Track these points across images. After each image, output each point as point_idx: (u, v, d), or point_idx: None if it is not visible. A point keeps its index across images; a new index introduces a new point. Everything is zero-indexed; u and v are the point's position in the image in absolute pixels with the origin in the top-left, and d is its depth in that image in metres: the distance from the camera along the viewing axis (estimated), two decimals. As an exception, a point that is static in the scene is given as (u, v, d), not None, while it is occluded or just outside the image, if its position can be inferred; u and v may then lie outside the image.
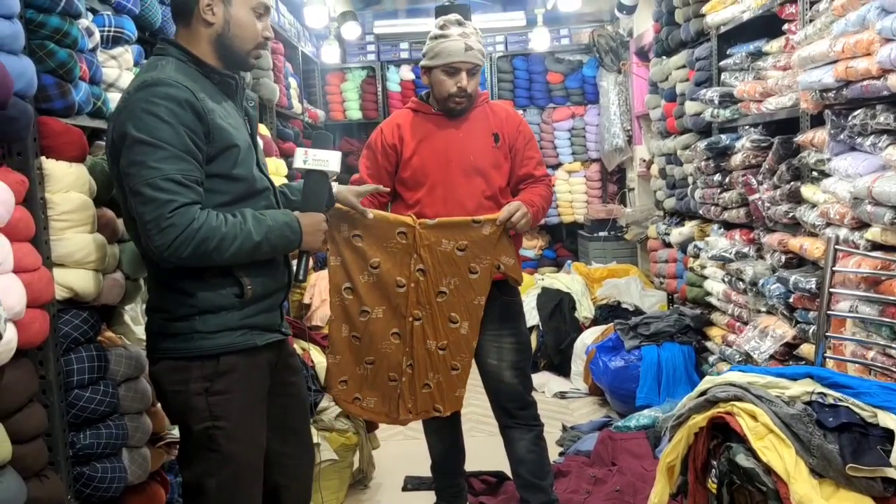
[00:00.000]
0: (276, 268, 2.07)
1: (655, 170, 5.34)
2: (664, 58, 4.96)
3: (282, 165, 4.09)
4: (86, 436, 2.14)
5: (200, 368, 1.93)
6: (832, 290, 2.55)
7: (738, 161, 3.58)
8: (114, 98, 2.49)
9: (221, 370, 1.94)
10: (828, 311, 2.55)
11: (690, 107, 4.34)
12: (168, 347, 1.96)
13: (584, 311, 5.49)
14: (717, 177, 3.92)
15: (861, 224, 2.55)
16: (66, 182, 2.07)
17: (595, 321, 5.39)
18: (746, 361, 3.38)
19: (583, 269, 6.20)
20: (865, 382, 2.01)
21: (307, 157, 2.10)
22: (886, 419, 1.81)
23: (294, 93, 5.73)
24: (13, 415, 1.84)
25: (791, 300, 3.05)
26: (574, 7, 6.10)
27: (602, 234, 6.88)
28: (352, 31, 6.70)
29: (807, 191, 2.97)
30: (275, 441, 2.14)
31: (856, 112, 2.54)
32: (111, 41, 2.49)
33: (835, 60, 2.62)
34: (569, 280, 5.81)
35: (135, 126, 1.80)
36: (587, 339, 4.93)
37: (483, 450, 3.55)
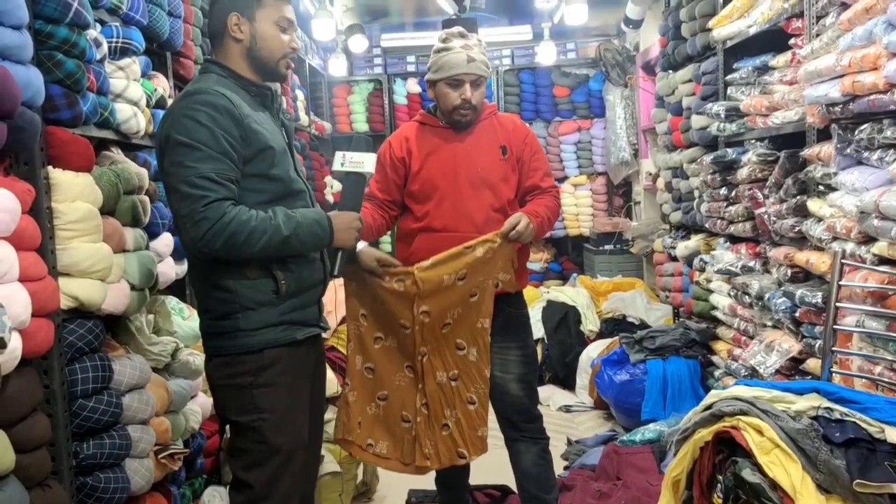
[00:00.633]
0: (312, 264, 2.18)
1: (661, 183, 5.33)
2: (670, 72, 4.96)
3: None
4: (89, 446, 2.14)
5: (245, 363, 2.06)
6: (838, 305, 2.54)
7: (745, 175, 3.58)
8: (121, 108, 2.51)
9: (265, 363, 2.07)
10: (834, 326, 2.54)
11: (696, 121, 4.34)
12: (217, 346, 2.10)
13: (590, 325, 5.49)
14: (724, 190, 3.91)
15: (868, 238, 2.54)
16: (73, 192, 2.09)
17: (600, 334, 5.38)
18: (752, 376, 3.36)
19: (588, 283, 6.20)
20: (872, 397, 1.99)
21: (344, 161, 2.27)
22: (894, 435, 1.79)
23: (301, 105, 5.75)
24: (17, 424, 1.85)
25: (797, 314, 3.03)
26: (580, 21, 6.11)
27: (608, 248, 6.87)
28: (359, 45, 6.73)
29: (813, 205, 2.96)
30: None
31: (862, 126, 2.53)
32: (119, 52, 2.51)
33: (841, 75, 2.61)
34: (574, 293, 5.81)
35: (176, 130, 1.95)
36: (592, 353, 4.93)
37: (488, 463, 3.52)
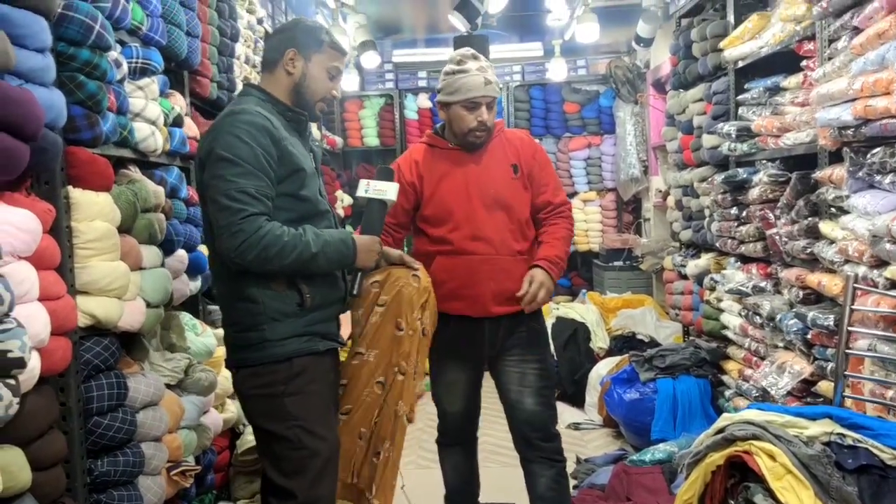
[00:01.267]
0: (334, 282, 2.28)
1: (672, 201, 5.33)
2: (681, 90, 4.97)
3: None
4: (103, 463, 2.16)
5: (275, 373, 2.13)
6: (850, 329, 2.54)
7: (756, 195, 3.57)
8: (139, 127, 2.54)
9: (295, 372, 2.14)
10: (846, 350, 2.54)
11: (707, 140, 4.34)
12: (243, 357, 2.17)
13: (599, 342, 5.48)
14: (734, 210, 3.91)
15: (880, 262, 2.53)
16: (92, 211, 2.11)
17: (609, 352, 5.37)
18: (763, 397, 3.35)
19: (597, 299, 6.19)
20: (886, 424, 2.00)
21: (368, 188, 2.35)
22: (907, 462, 1.79)
23: (313, 120, 5.77)
24: (34, 441, 1.86)
25: (809, 336, 3.03)
26: (591, 38, 6.14)
27: (617, 264, 6.87)
28: (371, 60, 6.78)
29: (825, 227, 2.96)
30: None
31: (875, 150, 2.53)
32: (138, 72, 2.54)
33: (853, 99, 2.62)
34: (583, 310, 5.81)
35: (219, 145, 2.06)
36: (602, 370, 4.91)
37: (498, 480, 3.53)
